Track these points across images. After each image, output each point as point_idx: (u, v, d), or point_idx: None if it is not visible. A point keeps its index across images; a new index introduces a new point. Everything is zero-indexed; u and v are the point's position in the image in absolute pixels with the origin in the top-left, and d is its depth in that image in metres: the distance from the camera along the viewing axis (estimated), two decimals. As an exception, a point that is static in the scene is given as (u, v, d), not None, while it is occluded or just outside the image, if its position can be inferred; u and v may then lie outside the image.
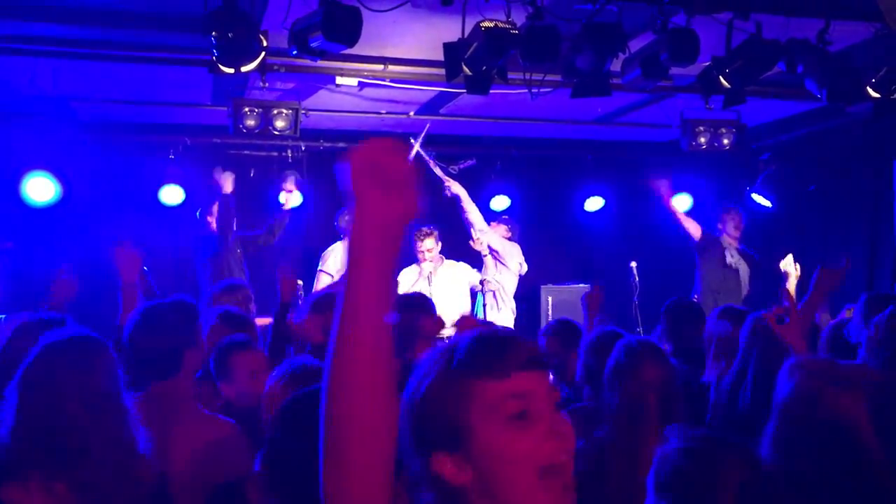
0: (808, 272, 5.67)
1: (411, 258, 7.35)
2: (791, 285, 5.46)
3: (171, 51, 5.53)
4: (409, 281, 7.05)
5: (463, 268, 7.41)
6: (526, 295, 8.16)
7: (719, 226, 7.52)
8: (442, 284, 7.08)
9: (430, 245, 7.09)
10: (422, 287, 6.93)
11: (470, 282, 7.35)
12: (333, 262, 7.19)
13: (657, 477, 1.90)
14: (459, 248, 7.48)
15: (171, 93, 6.84)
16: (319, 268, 7.25)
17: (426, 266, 7.10)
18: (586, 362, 3.35)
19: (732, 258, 7.36)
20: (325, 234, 8.22)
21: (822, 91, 5.29)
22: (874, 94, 5.53)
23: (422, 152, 7.44)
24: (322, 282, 7.03)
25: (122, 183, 7.62)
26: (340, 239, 7.42)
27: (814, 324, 4.04)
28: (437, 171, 7.41)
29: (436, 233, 7.16)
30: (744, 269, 7.41)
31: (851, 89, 5.34)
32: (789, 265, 5.62)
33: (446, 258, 7.36)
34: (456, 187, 7.29)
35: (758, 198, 7.87)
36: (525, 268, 7.56)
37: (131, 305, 3.46)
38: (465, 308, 7.10)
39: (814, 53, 5.15)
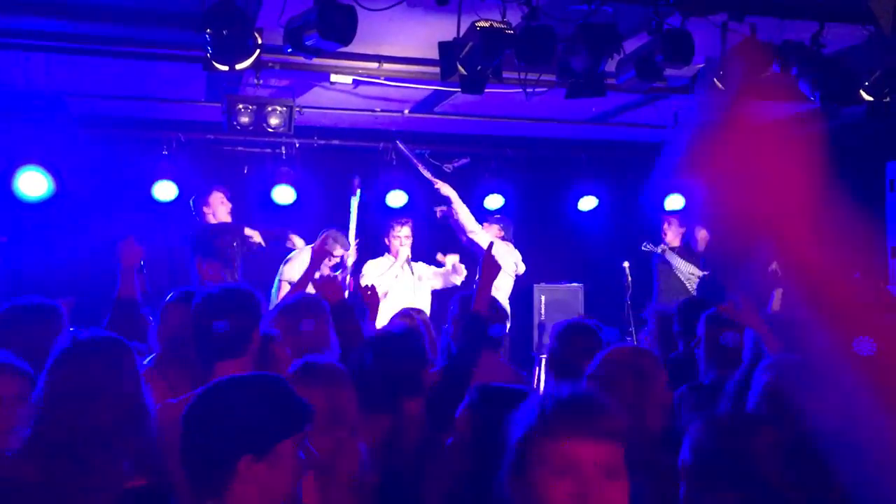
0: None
1: (378, 251, 7.31)
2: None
3: (166, 47, 5.52)
4: (379, 269, 6.99)
5: (431, 268, 7.35)
6: (519, 293, 8.17)
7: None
8: (420, 277, 7.09)
9: (408, 232, 7.04)
10: (397, 272, 6.94)
11: (432, 285, 7.28)
12: (290, 269, 6.90)
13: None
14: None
15: (164, 89, 6.83)
16: (280, 278, 6.89)
17: (403, 251, 7.02)
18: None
19: (679, 268, 7.64)
20: (318, 232, 8.21)
21: (816, 93, 5.31)
22: (867, 97, 5.56)
23: (406, 151, 7.43)
24: (283, 291, 6.78)
25: (115, 178, 7.60)
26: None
27: None
28: (426, 173, 7.39)
29: (411, 223, 7.13)
30: (686, 270, 7.54)
31: (845, 91, 5.35)
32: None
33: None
34: (446, 189, 7.26)
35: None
36: (522, 268, 7.55)
37: (129, 284, 3.67)
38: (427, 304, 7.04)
39: (808, 56, 5.16)
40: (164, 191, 7.57)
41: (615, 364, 2.70)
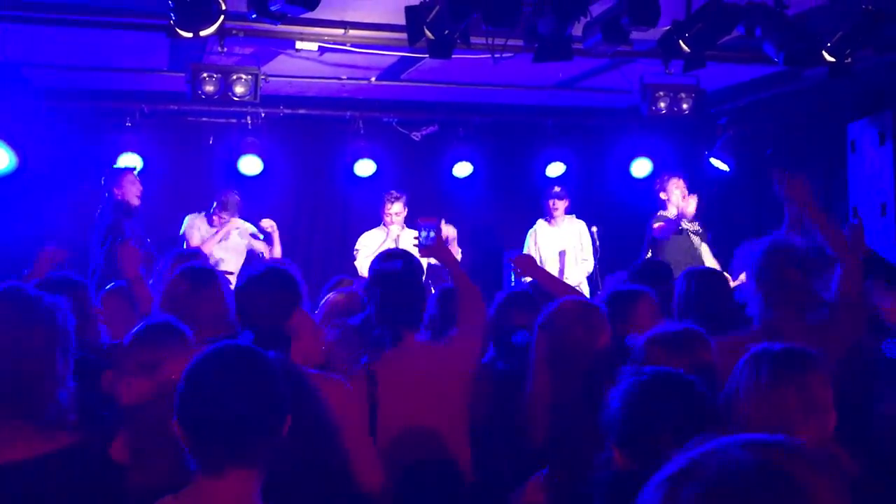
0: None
1: (376, 221, 7.44)
2: None
3: (127, 15, 5.41)
4: (375, 241, 7.19)
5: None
6: (491, 261, 8.23)
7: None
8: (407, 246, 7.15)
9: (398, 209, 7.26)
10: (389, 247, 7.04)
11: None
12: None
13: None
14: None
15: (127, 58, 6.71)
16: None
17: (394, 229, 7.26)
18: None
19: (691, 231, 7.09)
20: (284, 202, 8.18)
21: (780, 55, 5.35)
22: (829, 59, 5.62)
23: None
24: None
25: (78, 151, 7.47)
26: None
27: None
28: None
29: (404, 198, 7.32)
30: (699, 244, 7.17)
31: (808, 53, 5.41)
32: None
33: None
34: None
35: (716, 162, 7.97)
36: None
37: (143, 296, 3.57)
38: None
39: (772, 17, 5.20)
40: (129, 163, 7.46)
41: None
